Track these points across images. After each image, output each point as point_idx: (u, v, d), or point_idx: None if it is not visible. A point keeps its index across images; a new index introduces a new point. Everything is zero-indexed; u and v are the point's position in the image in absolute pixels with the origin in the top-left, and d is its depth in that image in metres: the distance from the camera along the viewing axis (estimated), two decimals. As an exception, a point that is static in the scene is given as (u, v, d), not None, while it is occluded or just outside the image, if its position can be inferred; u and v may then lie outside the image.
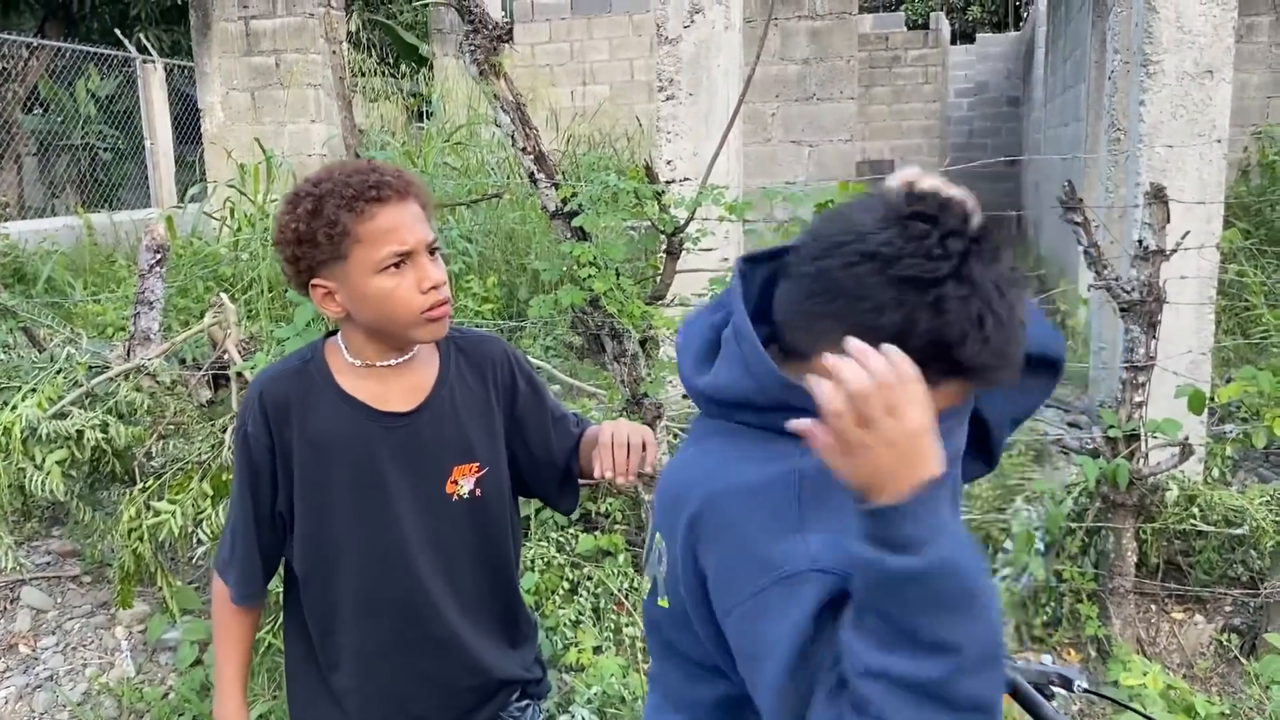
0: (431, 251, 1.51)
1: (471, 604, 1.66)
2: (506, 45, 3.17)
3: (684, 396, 4.30)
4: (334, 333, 1.63)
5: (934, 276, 0.99)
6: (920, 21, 15.41)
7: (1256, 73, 9.75)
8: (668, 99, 4.40)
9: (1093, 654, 3.15)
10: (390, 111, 9.38)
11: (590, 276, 2.95)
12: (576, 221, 3.06)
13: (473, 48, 3.14)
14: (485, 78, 3.13)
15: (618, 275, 3.04)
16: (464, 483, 1.62)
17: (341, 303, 1.51)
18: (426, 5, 14.16)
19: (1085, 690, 1.50)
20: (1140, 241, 2.82)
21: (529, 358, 5.05)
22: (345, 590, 1.60)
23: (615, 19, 12.47)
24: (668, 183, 4.33)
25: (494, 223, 6.42)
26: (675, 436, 3.75)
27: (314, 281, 1.51)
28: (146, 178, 11.57)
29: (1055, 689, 1.46)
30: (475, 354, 1.68)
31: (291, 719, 1.75)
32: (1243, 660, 3.01)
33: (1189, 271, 3.68)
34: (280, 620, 1.88)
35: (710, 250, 3.49)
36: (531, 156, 3.17)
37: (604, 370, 3.94)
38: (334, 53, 3.30)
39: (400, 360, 1.59)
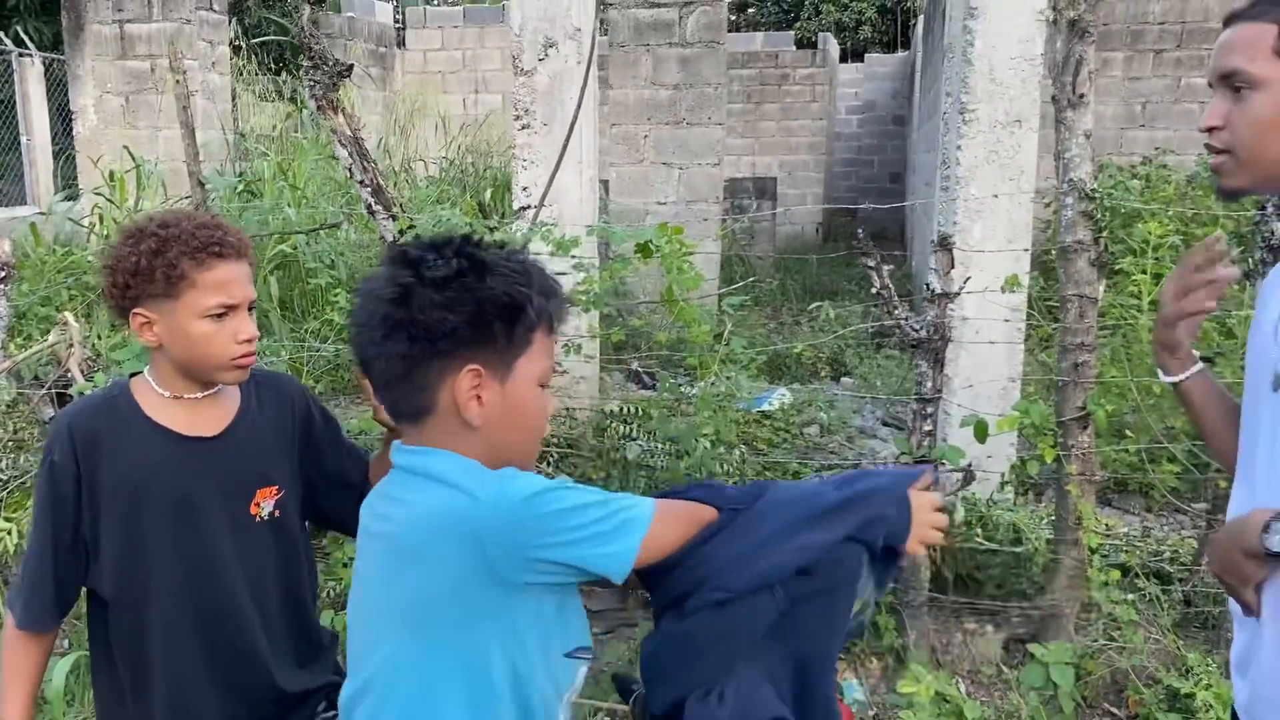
0: (250, 308, 1.70)
1: (272, 621, 1.79)
2: (347, 80, 3.29)
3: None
4: (137, 374, 1.76)
5: (457, 270, 1.27)
6: (810, 40, 15.83)
7: (1111, 105, 10.34)
8: (523, 128, 4.55)
9: (891, 664, 3.40)
10: (271, 118, 9.32)
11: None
12: (410, 254, 3.19)
13: (312, 84, 3.26)
14: (323, 112, 3.25)
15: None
16: (265, 504, 1.76)
17: (159, 334, 1.65)
18: (320, 4, 14.04)
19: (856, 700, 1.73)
20: (928, 285, 3.08)
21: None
22: (156, 609, 1.69)
23: (508, 29, 12.58)
24: (523, 209, 4.50)
25: (369, 235, 6.49)
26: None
27: (136, 310, 1.65)
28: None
29: None
30: (273, 389, 1.85)
31: None
32: (1015, 669, 3.30)
33: (1001, 304, 3.98)
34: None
35: (563, 275, 3.63)
36: (369, 189, 3.30)
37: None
38: (177, 82, 3.37)
39: (205, 394, 1.73)
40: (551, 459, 4.09)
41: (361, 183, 3.28)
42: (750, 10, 24.41)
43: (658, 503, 1.33)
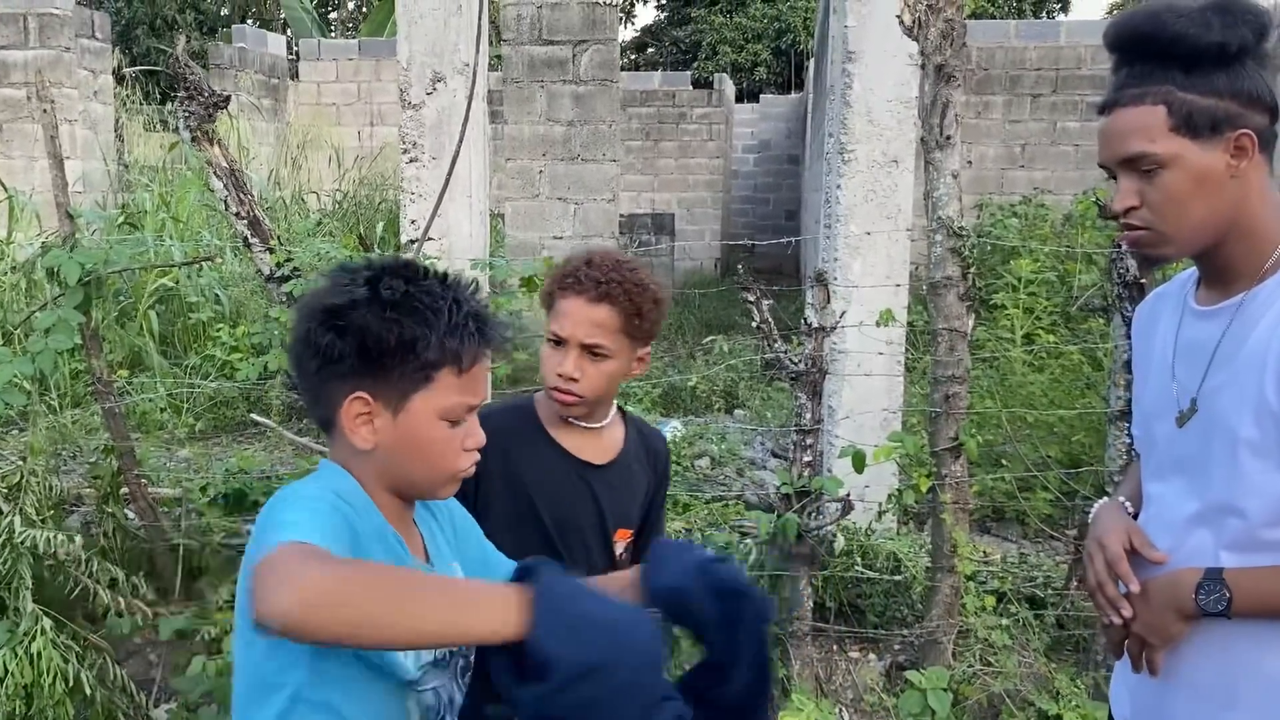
0: (582, 348, 1.73)
1: None
2: (223, 111, 3.23)
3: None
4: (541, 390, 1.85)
5: (351, 298, 1.25)
6: (707, 81, 16.13)
7: (992, 147, 10.77)
8: (411, 161, 4.52)
9: (776, 694, 3.43)
10: (156, 149, 9.08)
11: (297, 342, 3.03)
12: (287, 287, 3.14)
13: (187, 114, 3.19)
14: (198, 144, 3.18)
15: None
16: (619, 545, 1.85)
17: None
18: (212, 35, 13.77)
19: None
20: (805, 320, 3.15)
21: (260, 415, 4.99)
22: None
23: (405, 63, 12.51)
24: (410, 242, 4.46)
25: (252, 268, 6.35)
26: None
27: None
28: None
29: None
30: (647, 441, 1.93)
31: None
32: (897, 696, 3.36)
33: (878, 337, 4.08)
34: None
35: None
36: (245, 221, 3.23)
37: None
38: (44, 111, 3.26)
39: (599, 425, 1.82)
40: (439, 495, 4.04)
41: (237, 215, 3.22)
42: (649, 50, 24.80)
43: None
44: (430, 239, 4.44)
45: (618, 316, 1.71)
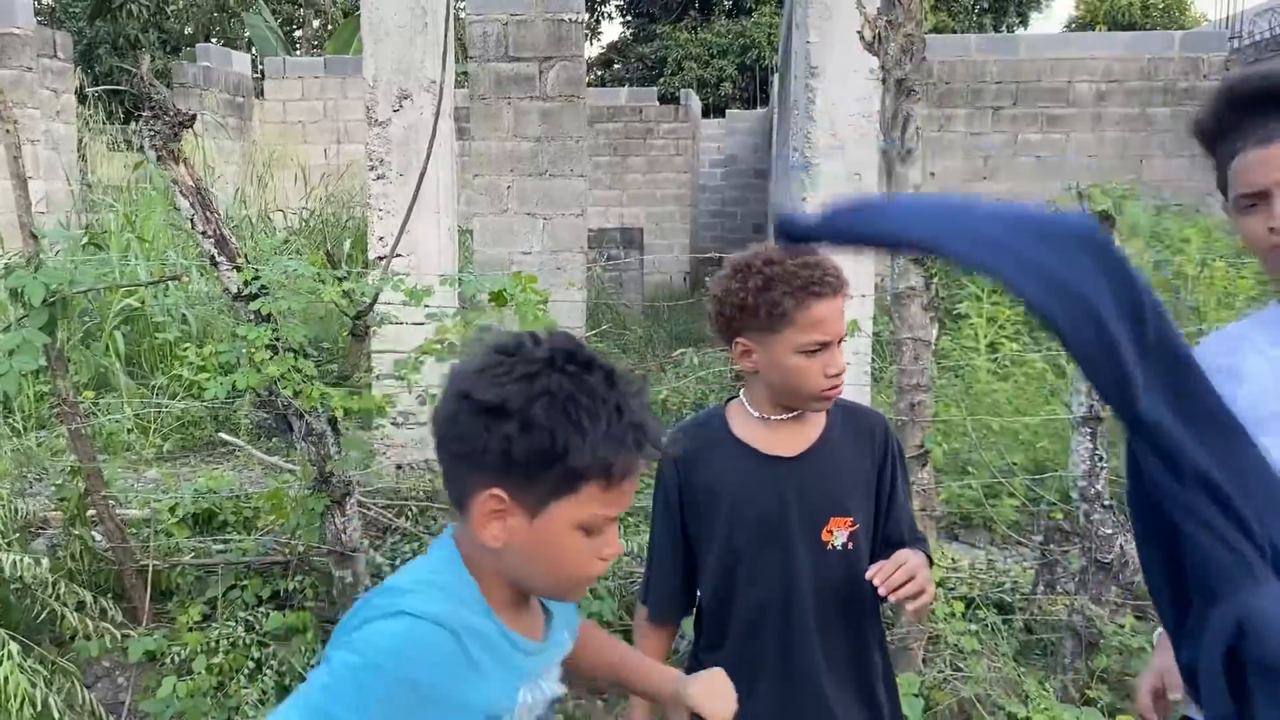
0: (840, 342, 1.74)
1: (836, 656, 1.81)
2: (188, 130, 3.23)
3: (366, 467, 4.39)
4: (734, 397, 1.87)
5: (504, 398, 1.12)
6: (673, 96, 16.23)
7: (955, 160, 10.91)
8: (378, 178, 4.54)
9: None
10: (120, 168, 9.02)
11: (266, 360, 3.03)
12: (254, 305, 3.14)
13: (152, 133, 3.18)
14: (164, 163, 3.17)
15: (297, 357, 3.13)
16: (838, 534, 1.80)
17: (756, 362, 1.75)
18: (176, 54, 13.70)
19: None
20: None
21: (229, 435, 4.97)
22: (736, 621, 1.82)
23: (372, 80, 12.52)
24: (379, 258, 4.46)
25: (218, 287, 6.31)
26: (367, 510, 3.84)
27: (739, 340, 1.75)
28: None
29: None
30: (858, 421, 1.89)
31: None
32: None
33: (846, 350, 4.13)
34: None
35: (420, 324, 3.60)
36: (212, 240, 3.23)
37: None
38: (7, 131, 3.25)
39: (789, 416, 1.80)
40: (411, 513, 4.03)
41: (204, 233, 3.21)
42: (616, 66, 24.92)
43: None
44: (399, 255, 4.45)
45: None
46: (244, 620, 3.50)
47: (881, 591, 1.65)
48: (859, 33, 3.33)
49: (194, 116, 3.26)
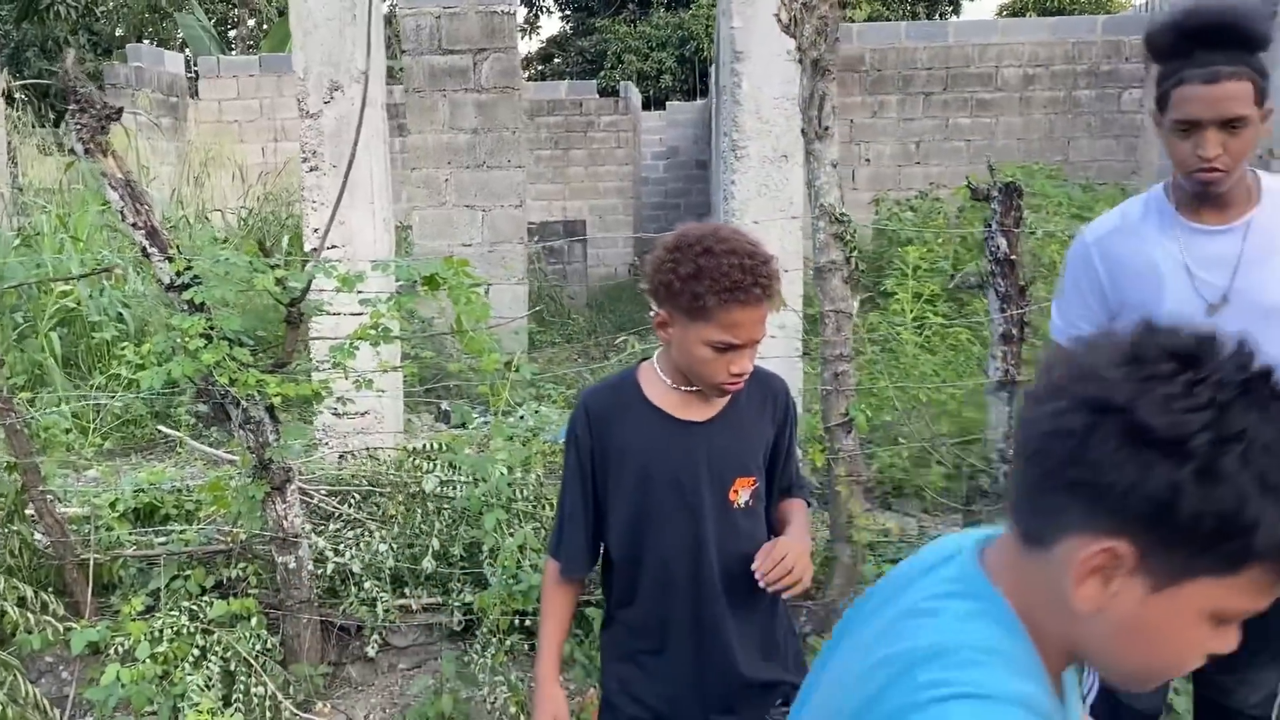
0: (754, 345, 1.78)
1: (740, 609, 1.90)
2: (116, 123, 3.25)
3: (308, 459, 4.43)
4: (646, 359, 1.94)
5: (1185, 433, 0.81)
6: (614, 89, 16.30)
7: (889, 145, 11.12)
8: (311, 170, 4.57)
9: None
10: (52, 170, 8.89)
11: (199, 349, 3.07)
12: (188, 295, 3.17)
13: (79, 126, 3.20)
14: (92, 156, 3.19)
15: (231, 346, 3.17)
16: (743, 493, 1.89)
17: (670, 335, 1.80)
18: (107, 56, 13.49)
19: None
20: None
21: (169, 427, 4.97)
22: (647, 577, 1.89)
23: (308, 78, 12.43)
24: (313, 250, 4.49)
25: (155, 285, 6.28)
26: (310, 498, 3.88)
27: (659, 311, 1.80)
28: None
29: None
30: (764, 386, 1.95)
31: (602, 659, 2.07)
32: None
33: (770, 323, 4.24)
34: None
35: (358, 314, 3.63)
36: (143, 231, 3.25)
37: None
38: (-70, 126, 3.23)
39: (698, 388, 1.86)
40: (353, 500, 4.08)
41: (135, 225, 3.23)
42: (556, 60, 24.92)
43: None
44: (334, 247, 4.48)
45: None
46: (188, 609, 3.53)
47: (761, 585, 1.76)
48: (776, 15, 3.44)
49: (120, 109, 3.27)
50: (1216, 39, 1.88)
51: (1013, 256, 3.38)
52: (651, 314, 1.84)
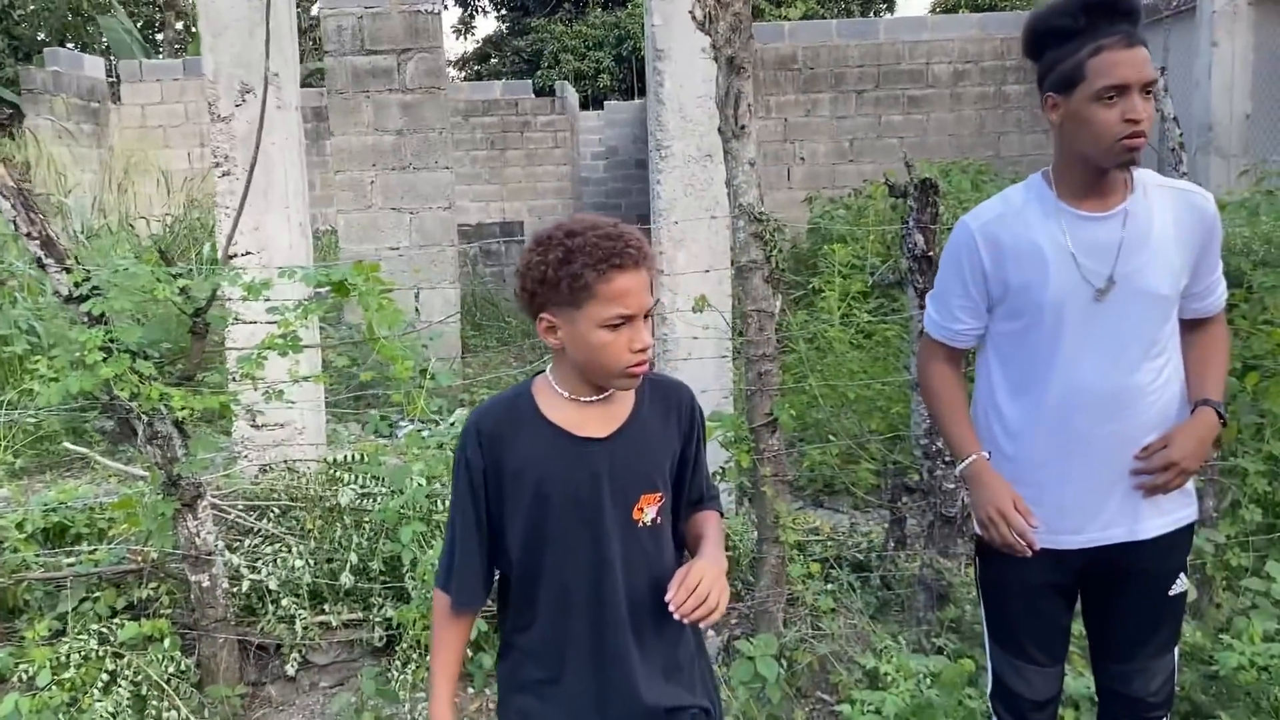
0: (646, 316, 1.69)
1: (644, 629, 1.81)
2: (20, 128, 3.12)
3: (225, 474, 4.31)
4: (540, 373, 1.83)
5: None
6: (550, 89, 16.21)
7: (822, 143, 11.16)
8: (224, 175, 4.44)
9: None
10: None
11: (98, 362, 2.95)
12: (86, 306, 3.05)
13: (-35, 132, 3.06)
14: (-21, 164, 3.06)
15: (134, 358, 3.05)
16: (648, 510, 1.80)
17: (562, 339, 1.71)
18: (28, 61, 13.12)
19: None
20: (618, 308, 3.23)
21: (81, 443, 4.81)
22: (545, 596, 1.80)
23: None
24: (230, 257, 4.36)
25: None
26: (226, 514, 3.77)
27: (543, 315, 1.71)
28: None
29: None
30: (666, 395, 1.87)
31: (500, 691, 1.95)
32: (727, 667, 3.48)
33: (695, 323, 4.21)
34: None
35: (273, 323, 3.52)
36: (38, 242, 3.12)
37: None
38: None
39: (599, 398, 1.78)
40: (272, 515, 3.97)
41: (29, 235, 3.10)
42: (493, 61, 24.73)
43: None
44: (249, 253, 4.36)
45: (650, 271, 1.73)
46: (97, 633, 3.40)
47: (676, 616, 1.66)
48: (690, 12, 3.40)
49: (13, 114, 3.14)
50: (1116, 10, 1.95)
51: (929, 253, 3.37)
52: (538, 323, 1.75)
